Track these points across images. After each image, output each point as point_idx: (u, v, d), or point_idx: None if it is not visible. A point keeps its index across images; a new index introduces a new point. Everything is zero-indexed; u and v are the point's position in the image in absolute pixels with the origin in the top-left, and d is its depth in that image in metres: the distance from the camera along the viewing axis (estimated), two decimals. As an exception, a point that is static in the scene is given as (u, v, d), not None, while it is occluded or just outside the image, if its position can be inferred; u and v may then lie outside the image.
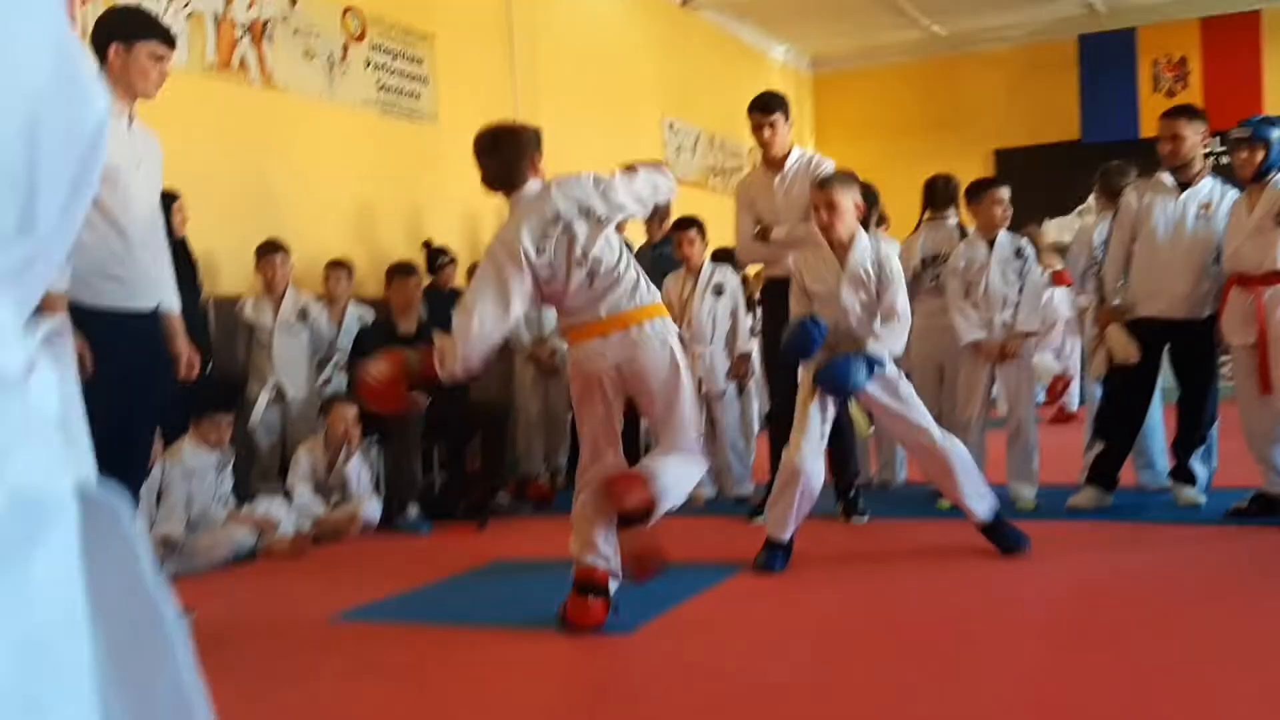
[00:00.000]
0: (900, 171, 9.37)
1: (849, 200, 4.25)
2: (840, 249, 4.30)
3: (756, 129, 5.20)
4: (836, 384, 4.10)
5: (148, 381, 3.50)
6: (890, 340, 4.17)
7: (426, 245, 6.95)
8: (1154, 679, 2.84)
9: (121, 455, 3.42)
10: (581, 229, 3.42)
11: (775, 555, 4.24)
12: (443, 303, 6.41)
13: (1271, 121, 4.64)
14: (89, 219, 3.28)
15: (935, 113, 13.23)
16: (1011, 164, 12.19)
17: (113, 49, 3.39)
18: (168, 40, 3.50)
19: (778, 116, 5.19)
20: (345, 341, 6.23)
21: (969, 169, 10.41)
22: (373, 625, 3.74)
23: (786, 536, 4.25)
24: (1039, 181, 10.51)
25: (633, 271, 3.50)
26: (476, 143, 3.56)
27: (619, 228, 3.60)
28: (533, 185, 3.50)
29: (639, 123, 10.70)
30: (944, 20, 12.63)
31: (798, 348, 4.19)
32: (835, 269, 4.30)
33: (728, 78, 12.12)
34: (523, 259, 3.36)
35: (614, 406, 3.53)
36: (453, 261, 7.02)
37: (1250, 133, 4.59)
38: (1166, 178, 4.94)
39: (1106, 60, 12.06)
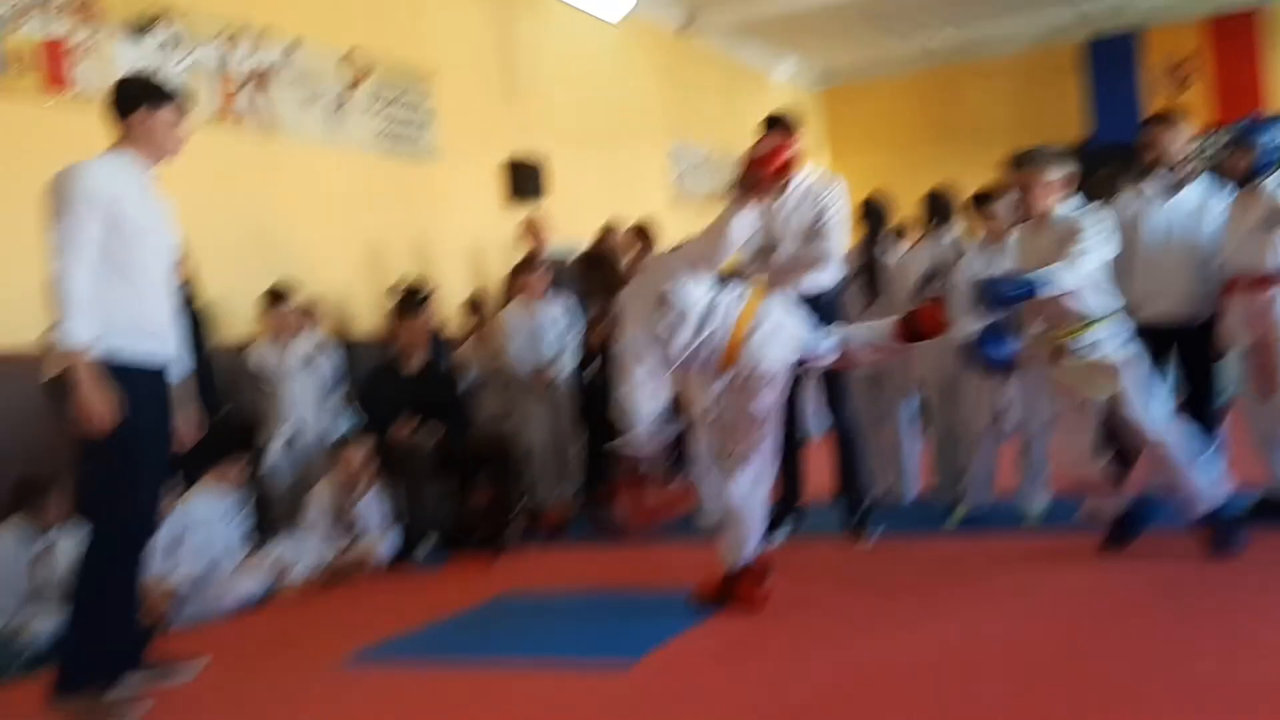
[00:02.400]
0: (914, 181, 9.35)
1: (1042, 178, 4.27)
2: (1041, 223, 4.32)
3: (784, 145, 5.11)
4: (986, 295, 3.99)
5: (162, 432, 3.57)
6: (1057, 272, 3.98)
7: (408, 287, 6.92)
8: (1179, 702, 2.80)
9: (141, 503, 3.47)
10: (659, 319, 3.87)
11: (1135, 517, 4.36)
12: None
13: (1260, 125, 4.60)
14: (122, 275, 3.35)
15: (945, 122, 13.23)
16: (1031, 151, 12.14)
17: (136, 115, 3.50)
18: (184, 101, 3.66)
19: (800, 135, 5.17)
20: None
21: (981, 175, 10.38)
22: (381, 666, 3.75)
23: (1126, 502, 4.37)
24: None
25: (719, 301, 3.92)
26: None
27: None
28: (625, 292, 4.00)
29: (644, 147, 10.76)
30: (949, 29, 12.64)
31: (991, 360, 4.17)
32: (1038, 242, 4.31)
33: (732, 96, 12.17)
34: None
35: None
36: (430, 294, 7.00)
37: (1238, 136, 4.56)
38: (1158, 182, 4.91)
39: (1113, 61, 12.03)
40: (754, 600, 4.00)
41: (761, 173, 3.86)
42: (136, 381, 3.39)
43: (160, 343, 3.53)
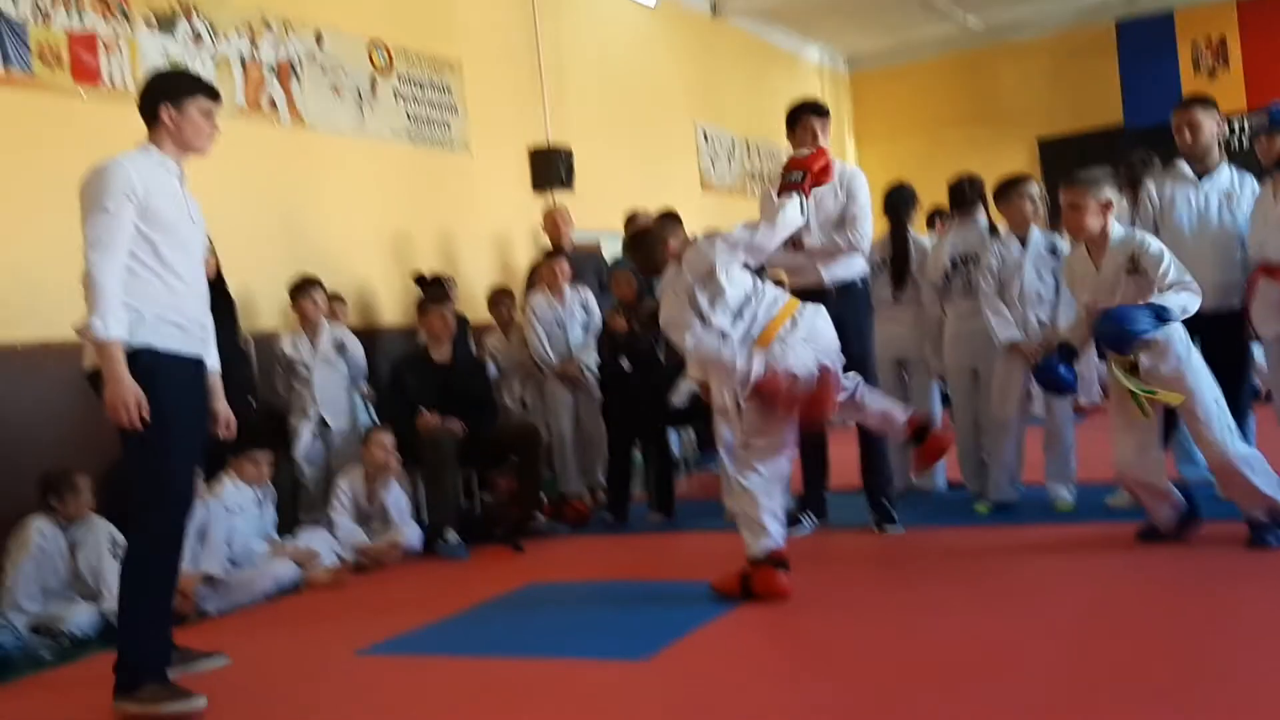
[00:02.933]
0: (943, 166, 9.30)
1: (1092, 199, 4.18)
2: (1094, 247, 4.26)
3: (806, 130, 5.13)
4: (1114, 330, 3.93)
5: (197, 424, 3.58)
6: (1175, 300, 3.96)
7: (420, 279, 6.95)
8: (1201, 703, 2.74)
9: (178, 495, 3.47)
10: (704, 295, 4.01)
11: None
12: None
13: (1289, 108, 4.52)
14: (155, 269, 3.36)
15: (975, 105, 13.09)
16: (1055, 153, 12.03)
17: (164, 110, 3.46)
18: (214, 95, 3.58)
19: (827, 122, 5.15)
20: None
21: (1012, 161, 10.28)
22: (403, 656, 3.76)
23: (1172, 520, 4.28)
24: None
25: (765, 290, 4.08)
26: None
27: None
28: (670, 270, 4.21)
29: (673, 134, 10.72)
30: (979, 12, 12.50)
31: (1053, 384, 4.36)
32: (1091, 269, 4.26)
33: (761, 82, 12.09)
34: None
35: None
36: (452, 284, 7.00)
37: (1269, 119, 4.48)
38: (1185, 168, 4.83)
39: (1145, 44, 11.85)
40: (772, 591, 3.98)
41: (807, 172, 4.01)
42: (171, 375, 3.39)
43: (195, 336, 3.53)
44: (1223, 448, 4.07)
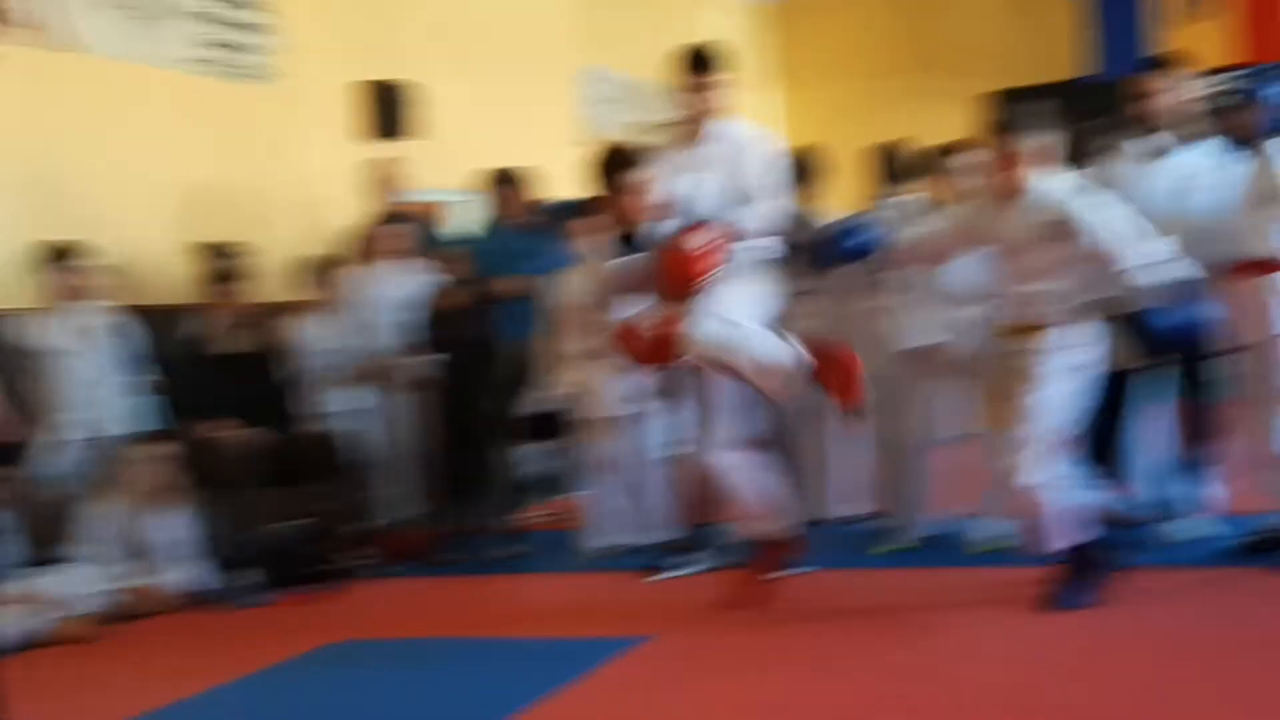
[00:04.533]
0: (881, 119, 9.40)
1: (1022, 148, 4.30)
2: (1013, 195, 4.33)
3: (694, 90, 5.06)
4: (1178, 333, 4.13)
5: None
6: (1148, 268, 4.13)
7: (205, 249, 6.78)
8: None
9: None
10: None
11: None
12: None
13: (1267, 75, 4.63)
14: None
15: (921, 49, 13.27)
16: (1009, 108, 12.19)
17: None
18: None
19: (720, 76, 5.07)
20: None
21: (960, 114, 10.38)
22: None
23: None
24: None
25: None
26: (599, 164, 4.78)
27: None
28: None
29: (549, 73, 10.67)
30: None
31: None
32: (994, 217, 4.39)
33: (662, 15, 12.05)
34: None
35: None
36: (244, 255, 6.83)
37: (1243, 88, 4.59)
38: (1146, 142, 4.92)
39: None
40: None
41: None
42: None
43: None
44: (1032, 466, 4.15)
